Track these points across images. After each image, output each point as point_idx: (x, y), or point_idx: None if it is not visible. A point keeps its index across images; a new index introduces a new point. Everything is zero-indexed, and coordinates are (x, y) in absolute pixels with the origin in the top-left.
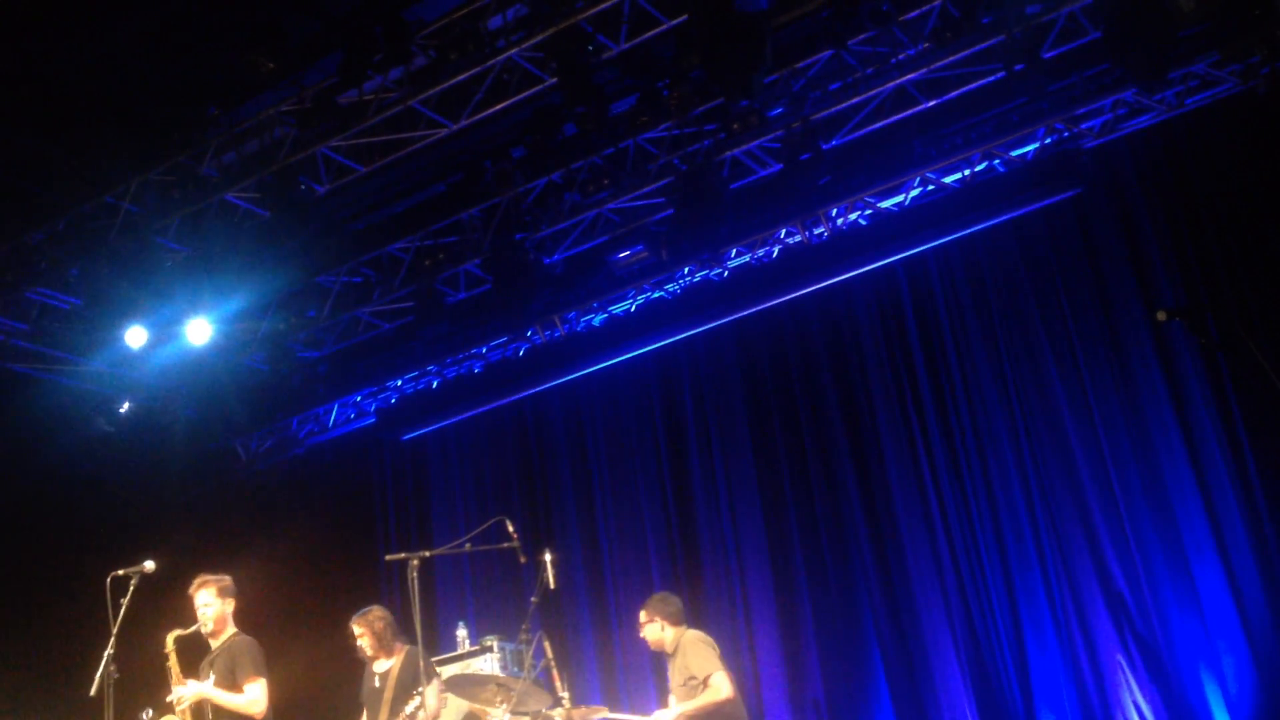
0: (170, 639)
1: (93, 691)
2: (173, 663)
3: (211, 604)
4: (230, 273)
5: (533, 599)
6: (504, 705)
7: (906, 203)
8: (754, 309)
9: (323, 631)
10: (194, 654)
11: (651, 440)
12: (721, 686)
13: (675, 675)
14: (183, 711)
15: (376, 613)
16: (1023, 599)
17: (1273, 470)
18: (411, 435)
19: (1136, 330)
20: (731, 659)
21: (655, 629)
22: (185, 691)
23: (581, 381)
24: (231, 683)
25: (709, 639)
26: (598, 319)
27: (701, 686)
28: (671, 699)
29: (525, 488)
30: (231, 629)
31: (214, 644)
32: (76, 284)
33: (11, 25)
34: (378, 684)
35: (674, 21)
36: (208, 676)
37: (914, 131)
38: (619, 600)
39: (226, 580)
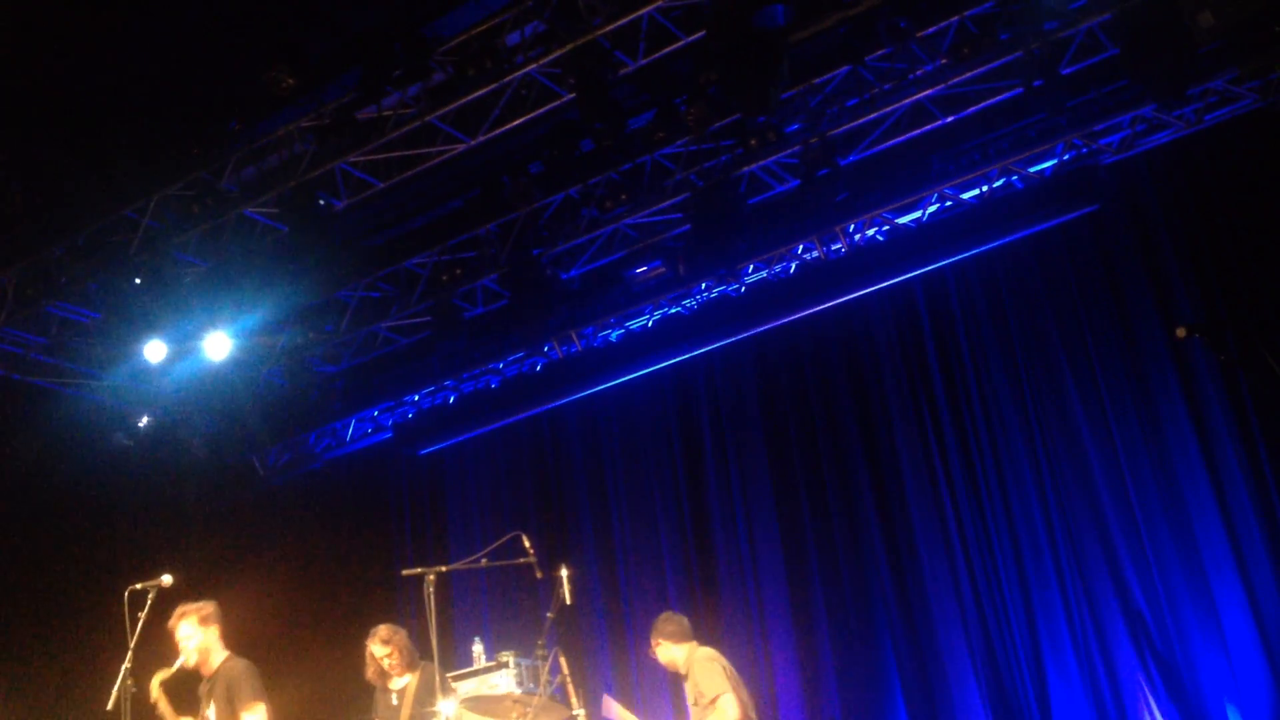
0: (154, 685)
1: (110, 705)
2: (163, 708)
3: (193, 635)
4: (249, 287)
5: (549, 615)
6: None
7: (924, 219)
8: (771, 325)
9: (338, 646)
10: (190, 682)
11: (668, 455)
12: (728, 709)
13: (689, 694)
14: None
15: (393, 629)
16: (1041, 618)
17: None
18: (428, 450)
19: (1155, 346)
20: (748, 679)
21: (665, 650)
22: None
23: (598, 397)
24: (230, 711)
25: (718, 656)
26: (615, 334)
27: (710, 706)
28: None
29: (541, 503)
30: (222, 655)
31: (206, 672)
32: (96, 298)
33: (32, 40)
34: (394, 701)
35: (691, 38)
36: (208, 706)
37: (932, 147)
38: (635, 616)
39: (208, 607)
